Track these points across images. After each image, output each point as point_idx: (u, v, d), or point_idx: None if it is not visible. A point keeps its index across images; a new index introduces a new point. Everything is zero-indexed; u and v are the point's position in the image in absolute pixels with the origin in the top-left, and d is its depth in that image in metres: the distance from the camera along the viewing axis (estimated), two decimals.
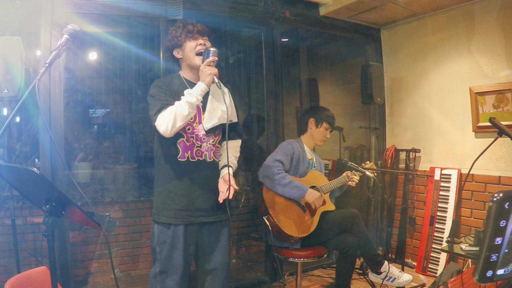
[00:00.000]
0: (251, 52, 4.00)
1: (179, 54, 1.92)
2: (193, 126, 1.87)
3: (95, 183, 3.49)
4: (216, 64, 1.80)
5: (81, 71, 3.24)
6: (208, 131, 1.89)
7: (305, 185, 2.44)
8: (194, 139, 1.87)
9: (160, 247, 1.86)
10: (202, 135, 1.88)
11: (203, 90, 1.76)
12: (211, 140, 1.92)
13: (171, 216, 1.85)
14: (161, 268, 1.85)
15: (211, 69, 1.75)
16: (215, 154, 1.94)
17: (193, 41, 1.87)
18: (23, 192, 1.39)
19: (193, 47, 1.86)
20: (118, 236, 3.06)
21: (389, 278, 2.59)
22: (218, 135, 1.96)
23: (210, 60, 1.76)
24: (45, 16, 2.41)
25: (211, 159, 1.92)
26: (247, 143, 3.65)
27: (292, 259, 2.47)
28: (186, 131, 1.85)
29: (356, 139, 4.22)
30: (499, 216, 0.74)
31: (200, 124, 1.89)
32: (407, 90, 3.67)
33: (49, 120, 2.43)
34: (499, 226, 0.75)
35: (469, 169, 2.35)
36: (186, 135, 1.85)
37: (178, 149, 1.85)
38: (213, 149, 1.92)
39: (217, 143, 1.95)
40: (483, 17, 2.97)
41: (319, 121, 2.66)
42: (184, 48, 1.89)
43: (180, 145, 1.85)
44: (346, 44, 4.21)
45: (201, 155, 1.89)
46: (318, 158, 2.80)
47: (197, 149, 1.87)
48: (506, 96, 2.85)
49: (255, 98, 4.09)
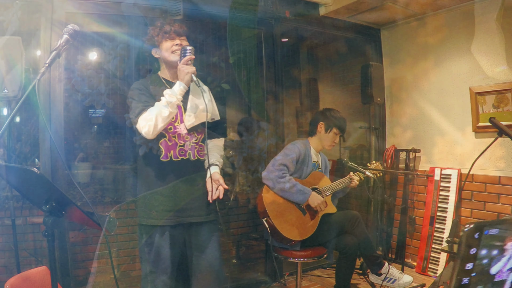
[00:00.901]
0: (251, 52, 4.00)
1: (157, 54, 1.92)
2: (174, 125, 1.86)
3: (95, 183, 3.48)
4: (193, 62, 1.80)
5: (81, 71, 3.24)
6: (190, 129, 1.88)
7: (308, 188, 2.43)
8: (177, 139, 1.86)
9: (148, 248, 1.84)
10: (184, 134, 1.88)
11: (182, 90, 1.77)
12: (193, 138, 1.90)
13: (156, 218, 1.83)
14: (150, 269, 1.84)
15: (189, 68, 1.77)
16: (199, 153, 1.93)
17: (170, 41, 1.87)
18: (23, 192, 1.39)
19: (169, 47, 1.87)
20: (118, 236, 3.06)
21: (389, 280, 2.59)
22: (200, 133, 1.94)
23: (187, 59, 1.77)
24: (45, 16, 2.41)
25: (195, 158, 1.90)
26: (247, 143, 3.65)
27: (292, 259, 2.47)
28: (168, 130, 1.84)
29: (356, 139, 4.22)
30: (469, 244, 0.86)
31: (182, 123, 1.88)
32: (407, 90, 3.67)
33: (49, 120, 2.43)
34: (470, 253, 0.86)
35: (469, 169, 2.35)
36: (168, 135, 1.85)
37: (160, 149, 1.84)
38: (196, 147, 1.91)
39: (200, 142, 1.94)
40: (483, 17, 2.97)
41: (329, 126, 2.59)
42: (161, 48, 1.89)
43: (162, 145, 1.84)
44: (346, 44, 4.21)
45: (184, 154, 1.88)
46: (325, 159, 2.78)
47: (180, 148, 1.86)
48: (506, 96, 2.85)
49: (255, 98, 4.09)
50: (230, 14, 2.99)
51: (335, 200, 2.67)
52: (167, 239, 1.84)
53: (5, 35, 2.36)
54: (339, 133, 2.62)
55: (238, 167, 3.35)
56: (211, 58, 3.52)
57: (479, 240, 0.86)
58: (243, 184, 3.70)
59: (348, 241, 2.50)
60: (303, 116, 4.74)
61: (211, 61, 3.54)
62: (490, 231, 0.87)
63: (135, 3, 2.61)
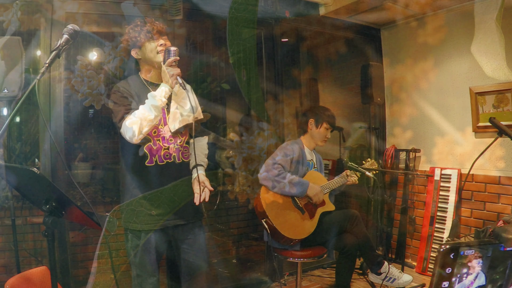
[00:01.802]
0: (251, 52, 4.00)
1: (138, 54, 1.83)
2: (158, 128, 1.81)
3: (95, 183, 3.49)
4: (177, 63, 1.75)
5: (81, 71, 3.24)
6: (174, 132, 1.83)
7: (306, 180, 2.44)
8: (161, 142, 1.81)
9: (134, 251, 1.83)
10: (168, 136, 1.83)
11: (167, 92, 1.73)
12: (178, 140, 1.86)
13: (142, 222, 1.80)
14: (137, 272, 1.84)
15: (174, 70, 1.72)
16: (184, 155, 1.89)
17: (153, 42, 1.79)
18: (23, 192, 1.39)
19: (154, 47, 1.79)
20: (118, 236, 3.06)
21: (389, 279, 2.58)
22: (184, 135, 1.90)
23: (171, 60, 1.72)
24: (45, 16, 2.41)
25: (180, 160, 1.87)
26: (246, 144, 3.65)
27: (292, 259, 2.47)
28: (152, 134, 1.79)
29: (356, 139, 4.22)
30: (445, 264, 0.90)
31: (165, 125, 1.83)
32: (407, 90, 3.67)
33: (49, 120, 2.43)
34: (446, 272, 0.91)
35: (469, 169, 2.35)
36: (153, 139, 1.79)
37: (145, 154, 1.79)
38: (181, 149, 1.87)
39: (185, 143, 1.90)
40: (483, 17, 2.97)
41: (319, 121, 2.64)
42: (144, 49, 1.81)
43: (147, 149, 1.79)
44: (346, 44, 4.21)
45: (169, 157, 1.83)
46: (319, 158, 2.79)
47: (165, 151, 1.82)
48: (506, 96, 2.85)
49: (255, 98, 4.09)
50: (230, 14, 2.99)
51: (331, 198, 2.67)
52: (153, 242, 1.82)
53: (5, 35, 2.36)
54: (330, 127, 2.65)
55: (238, 167, 3.35)
56: (211, 58, 3.52)
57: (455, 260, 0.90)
58: (243, 184, 3.70)
59: (347, 240, 2.50)
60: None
61: (211, 61, 3.54)
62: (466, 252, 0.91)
63: (135, 3, 2.61)
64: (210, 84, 3.56)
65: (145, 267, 1.82)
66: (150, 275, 1.83)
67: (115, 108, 1.75)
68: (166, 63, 1.73)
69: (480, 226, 2.98)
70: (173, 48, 1.75)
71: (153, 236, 1.82)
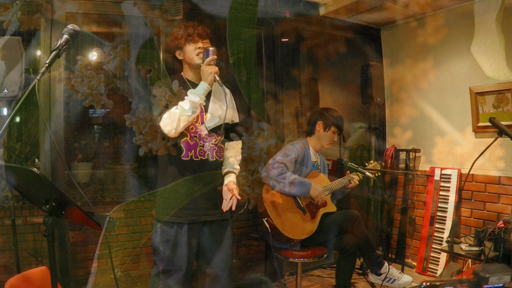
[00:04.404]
0: (251, 52, 3.99)
1: (180, 55, 1.97)
2: (196, 125, 1.89)
3: (95, 183, 3.49)
4: (216, 63, 1.84)
5: (81, 71, 3.24)
6: (210, 130, 1.91)
7: (308, 180, 2.44)
8: (197, 139, 1.89)
9: (164, 246, 1.86)
10: (204, 134, 1.91)
11: (206, 90, 1.81)
12: (213, 139, 1.94)
13: (175, 215, 1.86)
14: (164, 267, 1.86)
15: (212, 68, 1.81)
16: (218, 154, 1.96)
17: (193, 44, 1.91)
18: (23, 192, 1.39)
19: (193, 49, 1.91)
20: (118, 236, 3.06)
21: (389, 280, 2.59)
22: (220, 135, 1.98)
23: (210, 59, 1.82)
24: (45, 16, 2.41)
25: (214, 159, 1.93)
26: (246, 144, 3.65)
27: (292, 259, 2.47)
28: (190, 130, 1.87)
29: (356, 139, 4.22)
30: None
31: (202, 124, 1.91)
32: (407, 90, 3.67)
33: (49, 120, 2.43)
34: None
35: (469, 169, 2.35)
36: (190, 135, 1.88)
37: (182, 148, 1.87)
38: (215, 148, 1.94)
39: (220, 143, 1.98)
40: (483, 17, 2.97)
41: (327, 125, 2.61)
42: (184, 50, 1.94)
43: (184, 144, 1.87)
44: (346, 44, 4.21)
45: (203, 155, 1.91)
46: (323, 159, 2.79)
47: (200, 148, 1.90)
48: (506, 96, 2.85)
49: (255, 98, 4.09)
50: (230, 14, 2.99)
51: (333, 201, 2.67)
52: (184, 236, 1.86)
53: (5, 35, 2.36)
54: (337, 131, 2.63)
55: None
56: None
57: None
58: (243, 184, 3.70)
59: (348, 241, 2.50)
60: (303, 116, 4.73)
61: None
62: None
63: (135, 3, 2.61)
64: None
65: (172, 262, 1.85)
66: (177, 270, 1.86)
67: (155, 102, 1.85)
68: (204, 62, 1.83)
69: (480, 226, 2.98)
70: (211, 48, 1.86)
71: (183, 230, 1.86)
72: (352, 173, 2.66)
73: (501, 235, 1.83)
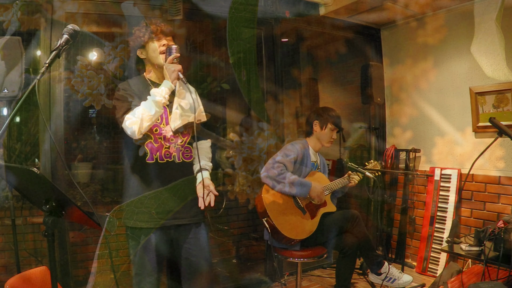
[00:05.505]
0: (251, 52, 4.00)
1: (143, 54, 1.89)
2: (160, 127, 1.84)
3: (95, 183, 3.49)
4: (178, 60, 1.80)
5: (81, 71, 3.24)
6: (175, 131, 1.85)
7: (308, 180, 2.44)
8: (162, 140, 1.84)
9: (133, 250, 1.83)
10: (169, 135, 1.85)
11: (169, 88, 1.76)
12: (179, 140, 1.88)
13: (142, 220, 1.82)
14: (136, 271, 1.84)
15: (175, 66, 1.77)
16: (184, 155, 1.90)
17: (156, 42, 1.85)
18: (23, 192, 1.39)
19: (156, 47, 1.85)
20: (118, 236, 3.06)
21: (389, 279, 2.58)
22: (186, 135, 1.91)
23: (173, 57, 1.78)
24: (45, 16, 2.41)
25: (180, 160, 1.88)
26: (246, 144, 3.65)
27: (292, 259, 2.47)
28: (154, 132, 1.82)
29: (356, 139, 4.22)
30: None
31: (167, 125, 1.85)
32: (407, 90, 3.67)
33: (49, 120, 2.43)
34: None
35: (469, 169, 2.35)
36: (154, 136, 1.82)
37: (146, 150, 1.82)
38: (181, 149, 1.88)
39: (186, 144, 1.91)
40: (482, 17, 2.97)
41: (323, 123, 2.61)
42: (147, 49, 1.87)
43: (148, 146, 1.82)
44: (346, 44, 4.21)
45: (169, 156, 1.85)
46: (323, 159, 2.78)
47: (165, 150, 1.84)
48: (506, 96, 2.85)
49: (255, 98, 4.09)
50: (230, 14, 2.99)
51: (334, 200, 2.67)
52: (152, 241, 1.82)
53: (5, 35, 2.37)
54: (335, 128, 2.63)
55: (238, 168, 3.35)
56: (211, 58, 3.52)
57: None
58: (243, 184, 3.70)
59: (347, 241, 2.50)
60: (303, 116, 4.73)
61: (211, 61, 3.54)
62: None
63: (135, 3, 2.61)
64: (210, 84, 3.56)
65: (144, 266, 1.83)
66: (148, 274, 1.83)
67: (118, 104, 1.79)
68: (167, 60, 1.78)
69: (480, 226, 2.98)
70: (174, 46, 1.80)
71: (153, 235, 1.83)
72: (352, 173, 2.66)
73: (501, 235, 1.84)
